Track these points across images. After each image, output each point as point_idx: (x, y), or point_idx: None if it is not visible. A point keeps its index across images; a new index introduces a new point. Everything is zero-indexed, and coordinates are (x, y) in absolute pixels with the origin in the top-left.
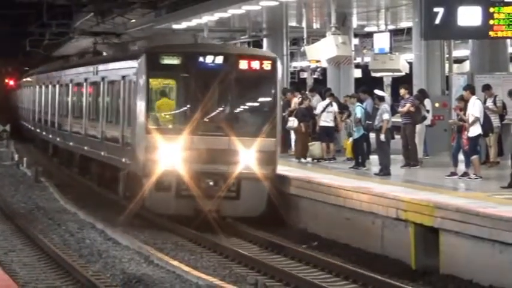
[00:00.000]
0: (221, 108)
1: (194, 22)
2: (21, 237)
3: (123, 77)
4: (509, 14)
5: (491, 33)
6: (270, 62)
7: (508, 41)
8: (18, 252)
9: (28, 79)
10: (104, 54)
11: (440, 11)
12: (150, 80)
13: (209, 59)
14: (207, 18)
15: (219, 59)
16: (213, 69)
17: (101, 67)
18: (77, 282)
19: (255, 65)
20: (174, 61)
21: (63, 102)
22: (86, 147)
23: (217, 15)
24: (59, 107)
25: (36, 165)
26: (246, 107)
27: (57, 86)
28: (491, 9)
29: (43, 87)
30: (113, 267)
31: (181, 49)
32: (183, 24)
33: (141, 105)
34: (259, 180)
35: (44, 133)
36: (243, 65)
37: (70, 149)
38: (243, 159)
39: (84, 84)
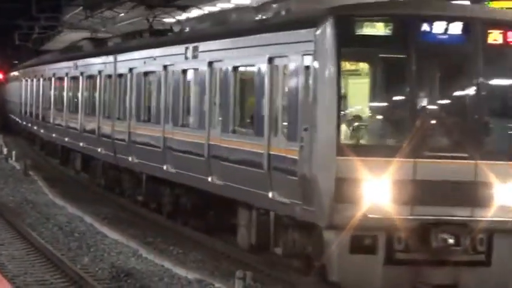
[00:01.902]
0: (462, 114)
1: (184, 16)
2: (10, 231)
3: (270, 60)
4: None
5: None
6: None
7: None
8: (7, 246)
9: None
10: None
11: None
12: (342, 63)
13: (438, 27)
14: (197, 12)
15: (456, 28)
16: (444, 45)
17: (207, 46)
18: (65, 275)
19: None
20: (380, 31)
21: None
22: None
23: (206, 9)
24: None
25: (25, 159)
26: (501, 111)
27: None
28: None
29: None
30: (101, 260)
31: (392, 10)
32: (173, 19)
33: (325, 107)
34: None
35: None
36: (496, 38)
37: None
38: (498, 199)
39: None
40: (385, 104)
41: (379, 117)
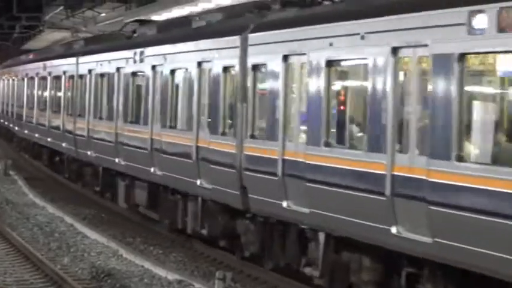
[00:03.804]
0: None
1: (164, 16)
2: None
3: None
4: None
5: None
6: None
7: None
8: None
9: None
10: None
11: None
12: None
13: None
14: (178, 12)
15: None
16: None
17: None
18: (45, 275)
19: None
20: None
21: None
22: None
23: (187, 9)
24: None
25: (5, 159)
26: None
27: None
28: None
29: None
30: (81, 261)
31: None
32: (153, 18)
33: None
34: None
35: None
36: None
37: None
38: None
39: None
40: None
41: None
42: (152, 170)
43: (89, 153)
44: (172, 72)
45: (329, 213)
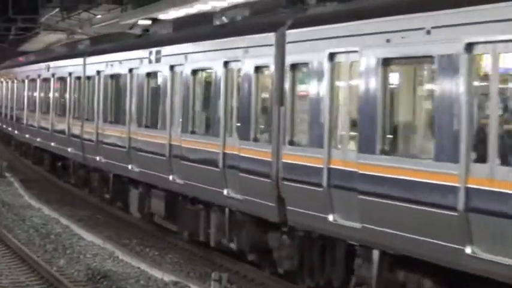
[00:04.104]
0: None
1: (161, 17)
2: None
3: None
4: None
5: None
6: None
7: None
8: None
9: None
10: None
11: None
12: None
13: None
14: (174, 14)
15: None
16: None
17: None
18: (41, 277)
19: None
20: None
21: None
22: None
23: (183, 11)
24: None
25: (1, 160)
26: None
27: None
28: None
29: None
30: (77, 262)
31: None
32: (149, 20)
33: None
34: None
35: None
36: None
37: None
38: None
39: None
40: None
41: None
42: (171, 177)
43: (97, 158)
44: (194, 72)
45: (385, 229)
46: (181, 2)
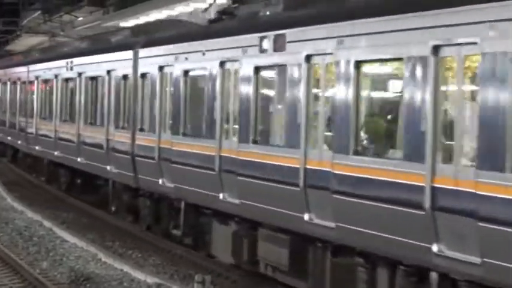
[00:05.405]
0: None
1: (142, 20)
2: None
3: None
4: None
5: None
6: None
7: None
8: None
9: None
10: None
11: None
12: None
13: None
14: (155, 16)
15: None
16: None
17: None
18: (24, 280)
19: None
20: None
21: None
22: None
23: (165, 13)
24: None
25: None
26: None
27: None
28: None
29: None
30: (60, 265)
31: None
32: (131, 22)
33: None
34: None
35: None
36: None
37: None
38: None
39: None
40: None
41: None
42: (160, 181)
43: (160, 181)
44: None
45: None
46: (163, 4)
